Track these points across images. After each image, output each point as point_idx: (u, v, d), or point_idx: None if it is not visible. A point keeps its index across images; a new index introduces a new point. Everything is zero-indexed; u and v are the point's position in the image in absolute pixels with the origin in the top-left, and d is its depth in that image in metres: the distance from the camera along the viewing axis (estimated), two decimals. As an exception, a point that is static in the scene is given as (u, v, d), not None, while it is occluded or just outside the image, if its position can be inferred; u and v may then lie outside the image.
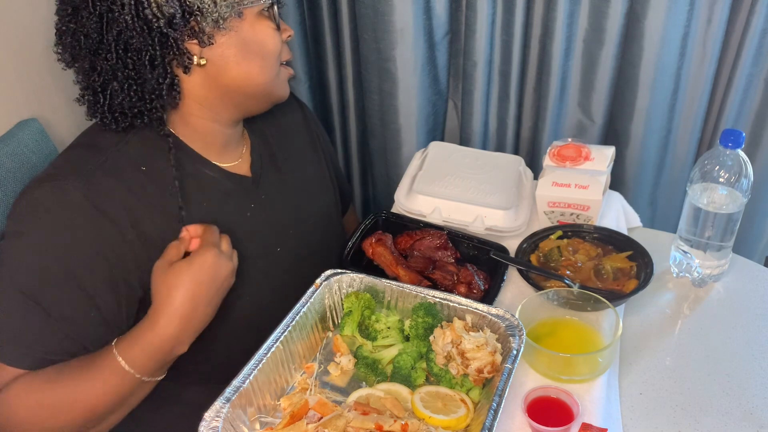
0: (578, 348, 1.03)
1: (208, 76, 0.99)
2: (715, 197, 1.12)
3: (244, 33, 0.98)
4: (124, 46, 0.92)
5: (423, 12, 1.47)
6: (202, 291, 0.91)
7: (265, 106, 1.08)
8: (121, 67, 0.93)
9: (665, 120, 1.48)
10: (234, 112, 1.06)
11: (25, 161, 1.09)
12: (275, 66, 1.03)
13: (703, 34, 1.37)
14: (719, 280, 1.20)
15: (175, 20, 0.92)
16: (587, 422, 0.93)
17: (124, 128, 0.98)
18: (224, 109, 1.04)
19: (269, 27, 1.00)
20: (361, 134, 1.78)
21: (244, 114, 1.08)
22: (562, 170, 1.24)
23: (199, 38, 0.94)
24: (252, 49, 0.99)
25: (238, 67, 0.99)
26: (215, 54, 0.97)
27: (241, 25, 0.97)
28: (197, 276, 0.91)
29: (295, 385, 0.95)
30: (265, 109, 1.09)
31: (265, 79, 1.02)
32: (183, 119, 1.03)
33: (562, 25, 1.41)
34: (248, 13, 0.98)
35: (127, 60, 0.93)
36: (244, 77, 1.00)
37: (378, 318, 1.02)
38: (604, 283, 1.14)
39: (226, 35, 0.97)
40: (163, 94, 0.96)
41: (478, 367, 0.92)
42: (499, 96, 1.58)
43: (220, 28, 0.95)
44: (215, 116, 1.04)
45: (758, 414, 0.97)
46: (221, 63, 0.98)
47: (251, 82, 1.01)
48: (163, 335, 0.90)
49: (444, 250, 1.22)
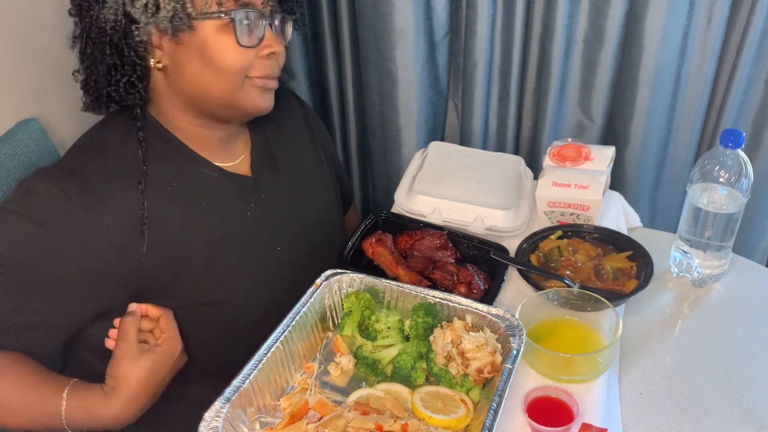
0: (578, 348, 1.03)
1: (169, 80, 1.01)
2: (715, 197, 1.12)
3: (200, 45, 0.97)
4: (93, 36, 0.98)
5: (423, 12, 1.47)
6: (158, 380, 0.98)
7: (238, 115, 1.06)
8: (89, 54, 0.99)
9: (665, 120, 1.48)
10: (207, 117, 1.05)
11: (25, 161, 1.09)
12: (234, 80, 0.99)
13: (703, 34, 1.37)
14: (719, 280, 1.20)
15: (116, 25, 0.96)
16: (587, 422, 0.93)
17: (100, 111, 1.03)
18: (195, 113, 1.04)
19: (229, 42, 0.97)
20: (361, 134, 1.78)
21: (223, 120, 1.07)
22: (562, 170, 1.24)
23: (144, 45, 0.97)
24: (207, 62, 0.97)
25: (193, 77, 0.99)
26: (174, 60, 0.99)
27: (194, 37, 0.96)
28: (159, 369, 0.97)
29: (295, 385, 0.95)
30: (244, 118, 1.09)
31: (221, 93, 1.00)
32: (172, 119, 1.04)
33: (562, 25, 1.41)
34: (205, 26, 0.96)
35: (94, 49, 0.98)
36: (199, 88, 1.00)
37: (378, 318, 1.02)
38: (604, 283, 1.14)
39: (182, 45, 0.97)
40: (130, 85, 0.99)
41: (478, 367, 0.92)
42: (500, 96, 1.58)
43: (170, 39, 0.96)
44: (192, 119, 1.04)
45: (758, 414, 0.97)
46: (178, 70, 0.99)
47: (208, 94, 1.00)
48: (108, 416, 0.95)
49: (444, 250, 1.22)
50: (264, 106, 1.05)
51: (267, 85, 1.04)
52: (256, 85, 1.02)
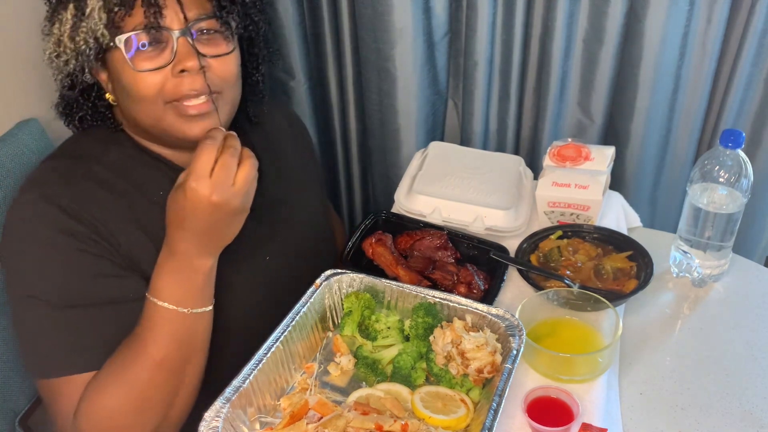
0: (578, 348, 1.03)
1: (120, 110, 1.01)
2: (715, 197, 1.12)
3: (116, 78, 0.95)
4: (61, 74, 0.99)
5: (423, 12, 1.46)
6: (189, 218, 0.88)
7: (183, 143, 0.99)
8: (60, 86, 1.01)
9: (665, 120, 1.48)
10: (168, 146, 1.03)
11: (25, 161, 1.09)
12: (153, 108, 0.94)
13: (703, 34, 1.37)
14: (719, 280, 1.20)
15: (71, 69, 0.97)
16: (587, 422, 0.93)
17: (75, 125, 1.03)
18: (156, 141, 1.02)
19: (131, 71, 0.92)
20: (361, 134, 1.78)
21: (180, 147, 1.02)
22: (562, 170, 1.24)
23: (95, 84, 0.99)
24: (126, 93, 0.95)
25: (126, 110, 0.99)
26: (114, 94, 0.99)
27: (113, 71, 0.95)
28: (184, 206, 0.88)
29: (295, 385, 0.95)
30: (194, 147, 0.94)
31: (149, 122, 0.97)
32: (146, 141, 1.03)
33: (562, 25, 1.41)
34: (113, 58, 0.94)
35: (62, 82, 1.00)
36: (132, 117, 0.99)
37: (378, 318, 1.02)
38: (604, 283, 1.14)
39: (112, 80, 0.96)
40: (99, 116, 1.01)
41: (478, 367, 0.92)
42: (500, 96, 1.58)
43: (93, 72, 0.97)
44: (162, 143, 1.03)
45: (758, 414, 0.97)
46: (118, 101, 0.99)
47: (140, 123, 0.98)
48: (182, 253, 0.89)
49: (444, 250, 1.22)
50: (189, 134, 0.96)
51: (186, 110, 0.94)
52: (176, 110, 0.95)
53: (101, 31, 0.91)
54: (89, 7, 0.91)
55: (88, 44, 0.92)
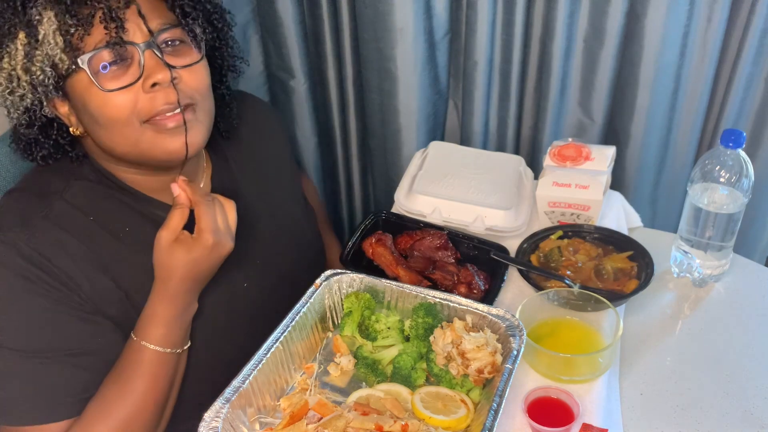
0: (579, 348, 1.03)
1: (91, 140, 0.95)
2: (715, 197, 1.12)
3: (82, 105, 0.89)
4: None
5: (423, 11, 1.46)
6: (202, 268, 0.92)
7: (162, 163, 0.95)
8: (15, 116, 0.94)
9: (666, 119, 1.48)
10: (143, 168, 0.97)
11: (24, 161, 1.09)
12: (127, 131, 0.89)
13: (703, 34, 1.37)
14: (720, 280, 1.20)
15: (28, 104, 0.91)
16: (588, 422, 0.93)
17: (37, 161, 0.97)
18: (129, 166, 0.97)
19: (99, 94, 0.87)
20: (361, 134, 1.78)
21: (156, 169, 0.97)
22: (562, 170, 1.24)
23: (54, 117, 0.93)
24: (95, 119, 0.89)
25: (97, 139, 0.92)
26: (82, 125, 0.92)
27: (76, 99, 0.89)
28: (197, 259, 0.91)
29: (295, 385, 0.95)
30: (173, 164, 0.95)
31: (124, 148, 0.91)
32: (114, 170, 0.99)
33: (563, 25, 1.41)
34: (75, 84, 0.87)
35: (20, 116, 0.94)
36: (106, 145, 0.92)
37: (378, 318, 1.02)
38: (604, 283, 1.14)
39: (77, 109, 0.90)
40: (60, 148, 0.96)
41: (478, 368, 0.92)
42: (500, 96, 1.58)
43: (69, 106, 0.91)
44: (131, 170, 0.98)
45: (759, 414, 0.97)
46: (87, 131, 0.93)
47: (117, 151, 0.92)
48: (175, 307, 0.92)
49: (444, 251, 1.22)
50: (172, 148, 0.91)
51: (165, 124, 0.90)
52: (154, 127, 0.90)
53: (59, 56, 0.85)
54: (42, 33, 0.84)
55: (45, 73, 0.86)
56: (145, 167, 0.98)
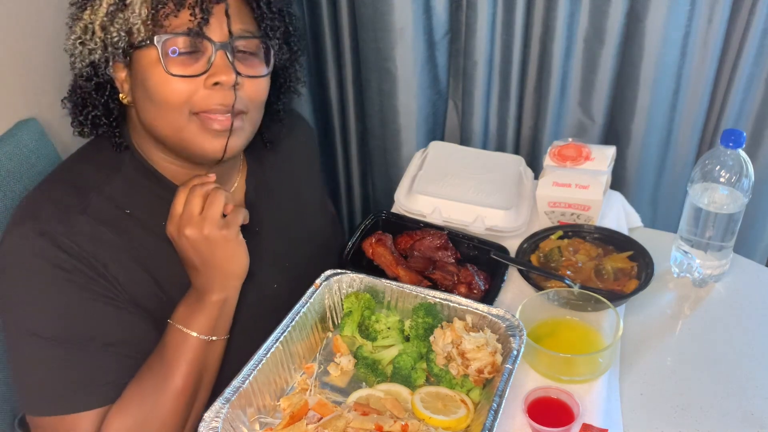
0: (579, 348, 1.03)
1: (136, 113, 0.97)
2: (715, 197, 1.12)
3: (141, 78, 0.91)
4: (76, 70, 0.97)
5: (423, 11, 1.46)
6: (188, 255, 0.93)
7: (197, 158, 0.97)
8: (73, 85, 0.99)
9: (666, 120, 1.48)
10: (179, 156, 0.98)
11: (24, 161, 1.09)
12: (175, 115, 0.91)
13: (703, 34, 1.37)
14: (720, 281, 1.20)
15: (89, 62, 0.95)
16: (588, 423, 0.93)
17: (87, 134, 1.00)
18: (166, 151, 0.98)
19: (162, 74, 0.89)
20: (361, 134, 1.77)
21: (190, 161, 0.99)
22: (562, 170, 1.24)
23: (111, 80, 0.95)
24: (150, 95, 0.91)
25: (144, 113, 0.94)
26: (133, 95, 0.95)
27: (138, 69, 0.91)
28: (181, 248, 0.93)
29: (295, 385, 0.95)
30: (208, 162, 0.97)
31: (167, 130, 0.93)
32: (152, 156, 1.00)
33: (563, 25, 1.41)
34: (142, 56, 0.90)
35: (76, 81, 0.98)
36: (150, 124, 0.94)
37: (378, 318, 1.02)
38: (604, 283, 1.14)
39: (135, 78, 0.92)
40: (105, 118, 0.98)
41: (478, 368, 0.92)
42: (500, 96, 1.58)
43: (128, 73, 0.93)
44: (168, 158, 0.99)
45: (759, 414, 0.97)
46: (136, 105, 0.95)
47: (157, 131, 0.94)
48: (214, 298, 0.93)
49: (444, 251, 1.22)
50: (210, 148, 0.94)
51: (211, 123, 0.92)
52: (201, 122, 0.92)
53: (138, 26, 0.88)
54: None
55: (120, 36, 0.89)
56: (181, 157, 0.99)
